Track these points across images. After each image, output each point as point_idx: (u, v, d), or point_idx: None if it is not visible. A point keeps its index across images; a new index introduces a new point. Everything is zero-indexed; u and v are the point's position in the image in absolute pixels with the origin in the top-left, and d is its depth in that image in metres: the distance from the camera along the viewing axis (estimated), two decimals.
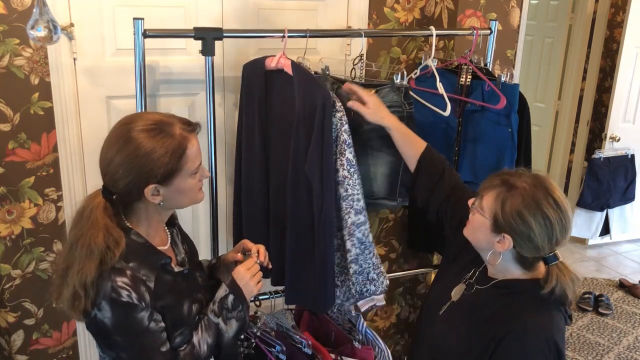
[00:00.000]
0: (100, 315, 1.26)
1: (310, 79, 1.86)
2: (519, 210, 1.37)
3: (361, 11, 2.36)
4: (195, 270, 1.50)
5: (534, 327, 1.37)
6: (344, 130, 1.85)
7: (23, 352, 2.23)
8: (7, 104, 1.97)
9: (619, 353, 3.11)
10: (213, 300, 1.44)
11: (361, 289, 2.01)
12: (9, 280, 2.13)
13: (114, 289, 1.24)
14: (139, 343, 1.28)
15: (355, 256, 1.95)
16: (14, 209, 2.07)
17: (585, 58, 4.48)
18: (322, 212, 1.86)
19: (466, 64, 2.16)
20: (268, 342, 1.95)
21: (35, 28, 1.70)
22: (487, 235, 1.44)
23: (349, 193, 1.89)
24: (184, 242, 1.53)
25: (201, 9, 2.13)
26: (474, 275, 1.57)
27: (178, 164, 1.29)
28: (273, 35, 1.97)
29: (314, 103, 1.79)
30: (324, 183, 1.84)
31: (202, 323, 1.40)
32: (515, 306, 1.42)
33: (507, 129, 2.06)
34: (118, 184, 1.29)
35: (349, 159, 1.87)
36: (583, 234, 4.28)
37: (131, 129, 1.28)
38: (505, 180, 1.43)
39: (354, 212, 1.91)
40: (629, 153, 4.13)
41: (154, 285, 1.31)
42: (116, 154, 1.27)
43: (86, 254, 1.24)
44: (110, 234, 1.26)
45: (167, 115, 1.34)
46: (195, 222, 2.34)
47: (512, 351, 1.37)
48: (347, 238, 1.93)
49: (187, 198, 1.38)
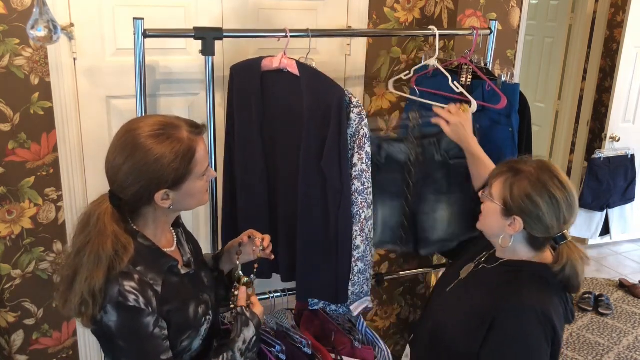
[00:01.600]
0: (106, 318, 1.25)
1: (322, 77, 1.86)
2: (527, 192, 1.44)
3: (361, 11, 2.36)
4: (200, 270, 1.49)
5: (530, 302, 1.42)
6: (364, 125, 1.87)
7: (23, 352, 2.23)
8: (7, 104, 1.97)
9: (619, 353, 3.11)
10: (242, 338, 1.42)
11: (360, 290, 2.01)
12: (9, 280, 2.13)
13: (121, 293, 1.23)
14: (141, 349, 1.27)
15: (362, 253, 1.95)
16: (14, 209, 2.07)
17: (585, 58, 4.48)
18: (341, 208, 1.87)
19: (466, 64, 2.16)
20: (268, 342, 1.95)
21: (35, 28, 1.70)
22: (498, 220, 1.50)
23: (366, 187, 1.91)
24: (188, 241, 1.53)
25: (201, 9, 2.13)
26: (484, 256, 1.64)
27: (188, 168, 1.29)
28: (273, 35, 1.97)
29: (328, 101, 1.80)
30: (343, 179, 1.86)
31: (224, 356, 1.39)
32: (516, 283, 1.47)
33: (507, 129, 2.06)
34: (127, 191, 1.28)
35: (367, 153, 1.90)
36: (583, 234, 4.28)
37: (138, 135, 1.26)
38: (512, 166, 1.50)
39: (367, 206, 1.93)
40: (629, 153, 4.13)
41: (161, 289, 1.30)
42: (124, 162, 1.26)
43: (94, 261, 1.23)
44: (119, 240, 1.25)
45: (172, 118, 1.33)
46: (195, 222, 2.34)
47: (509, 325, 1.42)
48: (358, 234, 1.93)
49: (196, 200, 1.38)
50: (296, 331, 2.06)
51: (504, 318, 1.42)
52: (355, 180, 1.90)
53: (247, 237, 1.60)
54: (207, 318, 1.42)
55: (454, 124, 1.94)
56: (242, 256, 1.61)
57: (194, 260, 1.49)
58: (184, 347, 1.36)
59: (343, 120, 1.81)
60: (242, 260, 1.61)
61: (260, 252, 1.58)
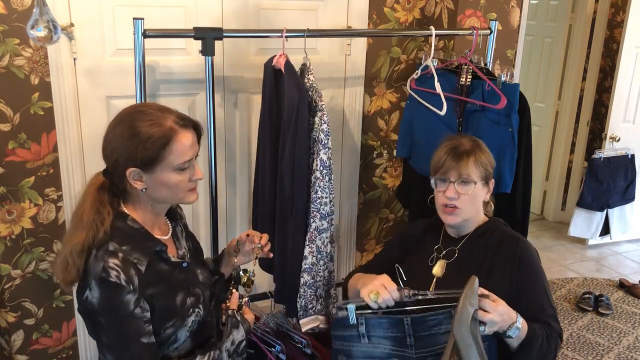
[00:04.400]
0: (90, 295, 1.27)
1: (294, 79, 1.85)
2: (487, 152, 1.68)
3: (361, 11, 2.36)
4: (196, 267, 1.50)
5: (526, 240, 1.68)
6: (322, 130, 1.83)
7: (23, 352, 2.23)
8: (7, 104, 1.97)
9: (619, 353, 3.10)
10: (230, 339, 1.45)
11: (307, 305, 1.94)
12: (9, 280, 2.13)
13: (104, 268, 1.26)
14: (121, 327, 1.28)
15: (310, 265, 1.90)
16: (14, 209, 2.07)
17: (585, 58, 4.47)
18: (293, 215, 1.84)
19: (466, 64, 2.16)
20: (268, 342, 1.95)
21: (35, 28, 1.70)
22: (483, 193, 1.67)
23: (319, 195, 1.86)
24: (187, 239, 1.53)
25: (201, 9, 2.13)
26: (443, 249, 1.69)
27: (160, 153, 1.30)
28: (273, 35, 1.97)
29: (293, 103, 1.79)
30: (295, 185, 1.83)
31: (211, 353, 1.40)
32: (505, 237, 1.65)
33: (507, 129, 2.06)
34: (107, 160, 1.33)
35: (322, 160, 1.85)
36: (583, 234, 4.28)
37: (130, 112, 1.33)
38: (457, 148, 1.64)
39: (320, 216, 1.88)
40: (629, 153, 4.12)
41: (145, 270, 1.32)
42: (110, 132, 1.32)
43: (75, 225, 1.30)
44: (99, 211, 1.31)
45: (170, 109, 1.37)
46: (195, 222, 2.34)
47: (532, 256, 1.62)
48: (307, 244, 1.88)
49: (172, 194, 1.37)
50: (296, 331, 2.06)
51: (526, 253, 1.61)
52: (311, 188, 1.87)
53: (246, 235, 1.61)
54: (197, 311, 1.42)
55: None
56: (241, 256, 1.63)
57: (191, 256, 1.49)
58: (168, 335, 1.36)
59: (300, 124, 1.79)
60: (240, 261, 1.63)
61: (258, 250, 1.59)
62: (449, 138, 1.71)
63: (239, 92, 2.28)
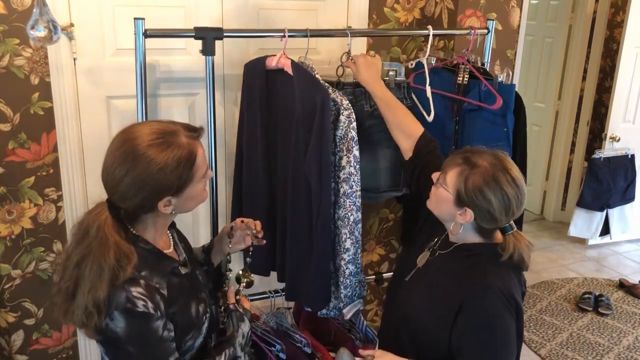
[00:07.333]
0: (112, 325, 1.23)
1: (310, 78, 1.86)
2: (480, 188, 1.47)
3: (361, 11, 2.36)
4: (195, 268, 1.50)
5: (493, 284, 1.47)
6: (352, 128, 1.87)
7: (23, 352, 2.23)
8: (7, 104, 1.97)
9: (619, 353, 3.11)
10: (240, 332, 1.45)
11: (352, 293, 1.99)
12: (9, 280, 2.14)
13: (129, 299, 1.22)
14: (151, 353, 1.27)
15: (353, 256, 1.95)
16: (14, 209, 2.07)
17: (585, 58, 4.48)
18: (320, 211, 1.86)
19: (463, 64, 2.16)
20: (268, 341, 1.96)
21: (35, 28, 1.70)
22: (450, 208, 1.54)
23: (354, 190, 1.91)
24: (180, 240, 1.53)
25: (201, 9, 2.14)
26: (437, 243, 1.67)
27: (190, 173, 1.29)
28: (273, 35, 1.97)
29: (314, 103, 1.80)
30: (322, 182, 1.84)
31: (227, 352, 1.41)
32: (478, 267, 1.52)
33: (502, 129, 2.07)
34: (130, 201, 1.27)
35: (356, 156, 1.89)
36: (583, 234, 4.28)
37: (137, 145, 1.24)
38: (468, 158, 1.52)
39: (356, 209, 1.93)
40: (629, 153, 4.13)
41: (167, 292, 1.30)
42: (126, 174, 1.24)
43: (97, 272, 1.21)
44: (121, 250, 1.24)
45: (168, 124, 1.32)
46: (195, 222, 2.34)
47: (476, 307, 1.46)
48: (347, 236, 1.93)
49: (196, 201, 1.39)
50: (296, 330, 2.06)
51: (472, 300, 1.46)
52: (344, 183, 1.89)
53: (240, 221, 1.61)
54: (207, 316, 1.43)
55: (360, 64, 2.00)
56: (234, 244, 1.61)
57: (189, 259, 1.49)
58: (187, 347, 1.37)
59: (325, 122, 1.80)
60: (234, 249, 1.62)
61: (252, 237, 1.59)
62: (480, 149, 1.57)
63: (239, 92, 2.28)
